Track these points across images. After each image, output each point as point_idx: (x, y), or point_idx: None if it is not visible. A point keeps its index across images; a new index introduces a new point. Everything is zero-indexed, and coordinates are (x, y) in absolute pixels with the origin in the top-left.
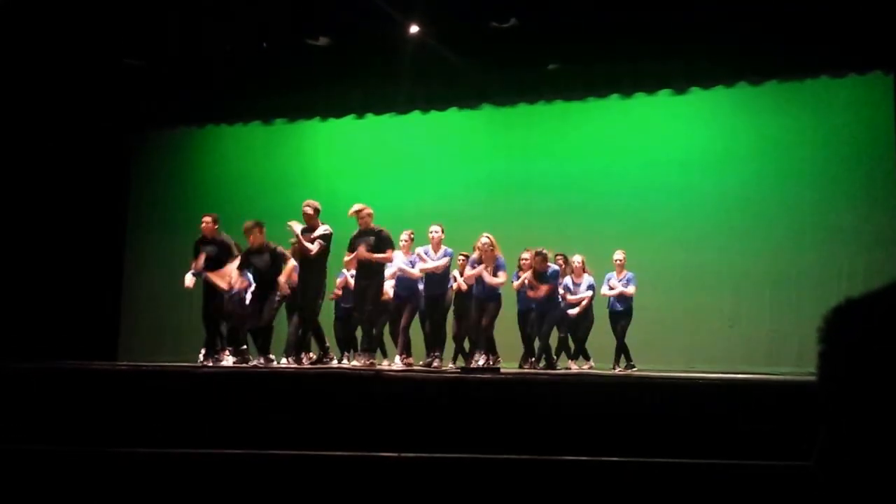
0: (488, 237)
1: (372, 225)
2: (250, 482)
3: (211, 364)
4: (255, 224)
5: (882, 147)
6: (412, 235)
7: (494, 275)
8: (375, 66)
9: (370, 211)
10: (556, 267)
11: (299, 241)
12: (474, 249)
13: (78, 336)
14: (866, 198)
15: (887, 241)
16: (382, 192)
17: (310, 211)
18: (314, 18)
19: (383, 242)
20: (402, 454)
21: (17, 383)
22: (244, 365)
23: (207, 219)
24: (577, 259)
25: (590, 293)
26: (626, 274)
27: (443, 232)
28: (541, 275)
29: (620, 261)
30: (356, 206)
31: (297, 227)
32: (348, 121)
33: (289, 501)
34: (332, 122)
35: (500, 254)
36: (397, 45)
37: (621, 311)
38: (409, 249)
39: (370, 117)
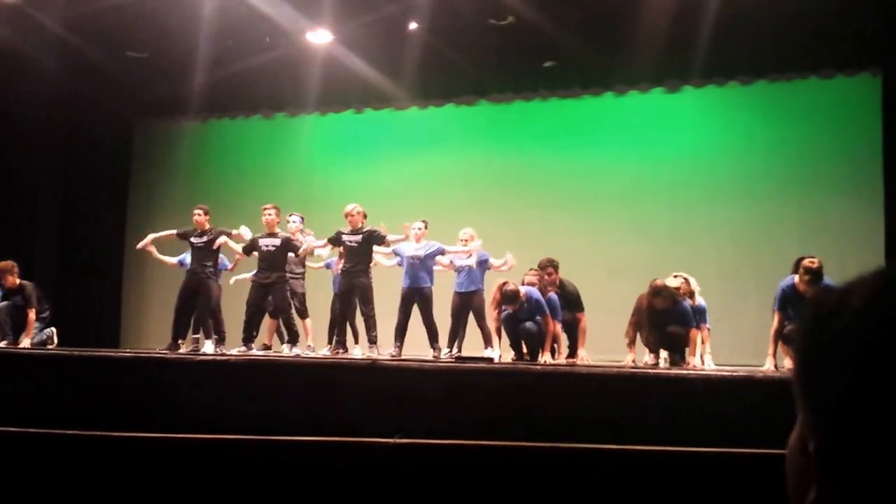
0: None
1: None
2: (248, 469)
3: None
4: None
5: (869, 146)
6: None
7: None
8: (375, 61)
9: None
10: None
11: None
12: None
13: (80, 325)
14: (853, 196)
15: (872, 239)
16: (378, 187)
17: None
18: (315, 12)
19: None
20: (398, 441)
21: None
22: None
23: (198, 212)
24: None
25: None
26: None
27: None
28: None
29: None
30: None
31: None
32: (347, 115)
33: (287, 488)
34: (331, 117)
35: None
36: (396, 40)
37: None
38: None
39: (368, 112)
